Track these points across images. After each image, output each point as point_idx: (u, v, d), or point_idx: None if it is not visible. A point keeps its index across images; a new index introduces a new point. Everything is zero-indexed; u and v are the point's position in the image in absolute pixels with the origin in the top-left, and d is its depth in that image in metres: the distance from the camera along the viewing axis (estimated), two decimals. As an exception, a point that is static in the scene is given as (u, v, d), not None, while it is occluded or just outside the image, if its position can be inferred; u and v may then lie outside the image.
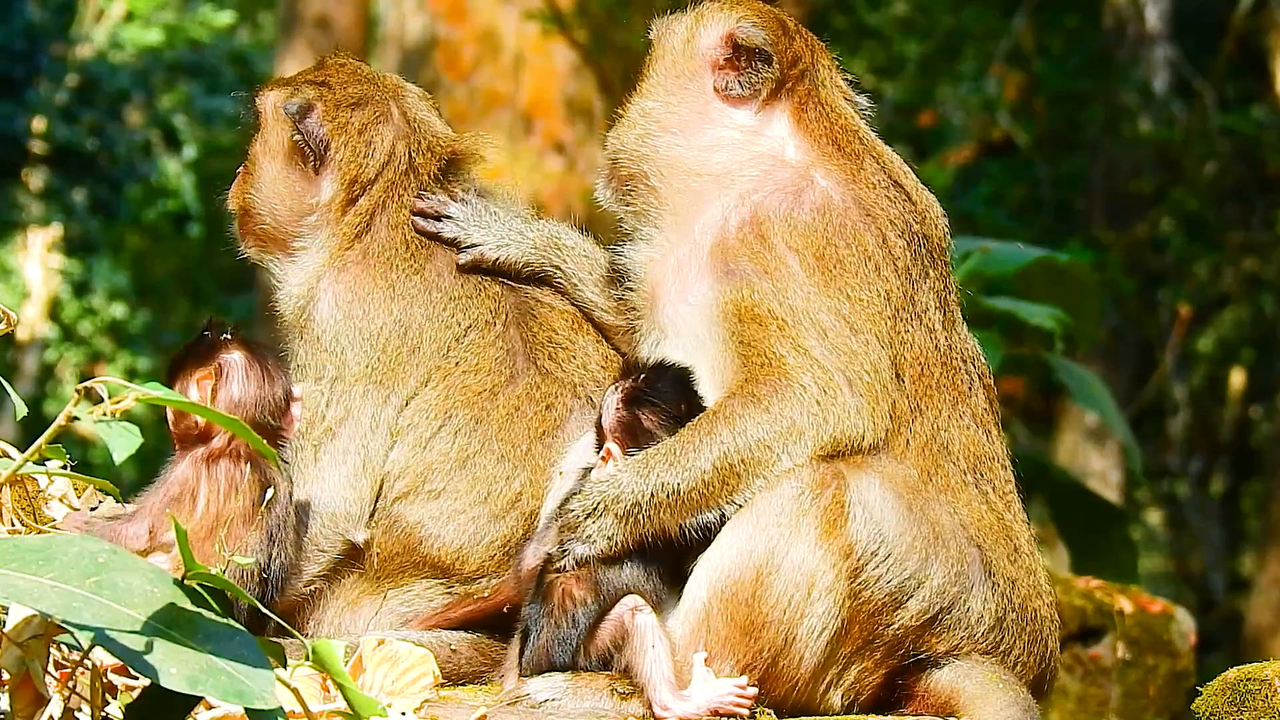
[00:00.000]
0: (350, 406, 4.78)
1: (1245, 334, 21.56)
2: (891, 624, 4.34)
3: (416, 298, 4.87)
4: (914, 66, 19.04)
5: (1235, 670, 4.36)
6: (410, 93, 5.14)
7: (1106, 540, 8.56)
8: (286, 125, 5.00)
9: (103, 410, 3.37)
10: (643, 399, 4.49)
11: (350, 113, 4.99)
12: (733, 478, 4.34)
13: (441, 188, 5.02)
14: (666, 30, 4.85)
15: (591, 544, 4.34)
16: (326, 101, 5.00)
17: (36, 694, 3.46)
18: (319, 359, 4.81)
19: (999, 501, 4.58)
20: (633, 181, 4.76)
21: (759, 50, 4.68)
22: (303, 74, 5.18)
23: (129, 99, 24.25)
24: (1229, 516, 23.54)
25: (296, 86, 5.05)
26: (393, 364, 4.80)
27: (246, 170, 5.12)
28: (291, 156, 5.01)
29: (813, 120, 4.70)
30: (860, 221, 4.54)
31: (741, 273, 4.49)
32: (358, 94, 5.03)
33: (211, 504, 4.40)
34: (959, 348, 4.64)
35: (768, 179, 4.60)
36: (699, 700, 4.19)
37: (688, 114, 4.73)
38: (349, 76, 5.07)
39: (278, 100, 5.04)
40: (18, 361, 26.15)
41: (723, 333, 4.48)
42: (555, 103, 13.31)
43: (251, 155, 5.11)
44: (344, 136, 4.97)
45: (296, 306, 4.93)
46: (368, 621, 4.78)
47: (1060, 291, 8.64)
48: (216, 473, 4.42)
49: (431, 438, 4.79)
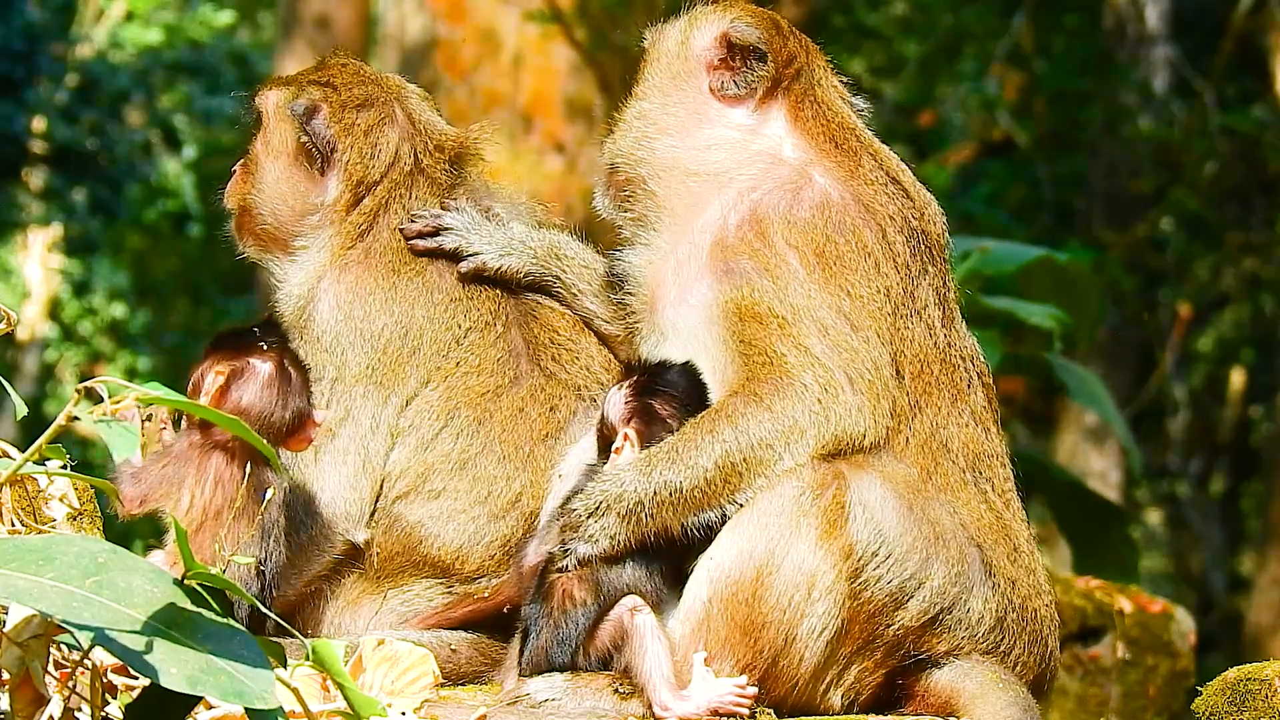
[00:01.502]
0: (350, 407, 4.78)
1: (1245, 334, 21.56)
2: (892, 624, 4.34)
3: (418, 299, 4.86)
4: (914, 66, 19.03)
5: (1235, 670, 4.36)
6: (412, 94, 5.14)
7: (1107, 539, 8.57)
8: (292, 125, 4.99)
9: (103, 410, 3.37)
10: (653, 388, 4.49)
11: (356, 114, 4.99)
12: (735, 476, 4.34)
13: (445, 190, 5.02)
14: (661, 35, 4.86)
15: (594, 543, 4.34)
16: (332, 102, 5.00)
17: (36, 694, 3.46)
18: (319, 359, 4.80)
19: (998, 500, 4.58)
20: (631, 186, 4.76)
21: (753, 49, 4.69)
22: (305, 74, 5.18)
23: (129, 99, 24.23)
24: (1229, 516, 23.54)
25: (301, 86, 5.04)
26: (393, 365, 4.80)
27: (246, 169, 5.11)
28: (296, 157, 5.00)
29: (809, 119, 4.70)
30: (859, 218, 4.55)
31: (741, 271, 4.49)
32: (363, 95, 5.03)
33: (197, 497, 4.38)
34: (958, 345, 4.64)
35: (766, 176, 4.60)
36: (699, 700, 4.19)
37: (684, 115, 4.74)
38: (353, 77, 5.07)
39: (282, 100, 5.03)
40: (18, 361, 26.14)
41: (723, 332, 4.48)
42: (555, 103, 13.30)
43: (252, 154, 5.10)
44: (350, 138, 4.97)
45: (297, 306, 4.93)
46: (368, 621, 4.78)
47: (1060, 291, 8.64)
48: (207, 465, 4.40)
49: (434, 438, 4.79)
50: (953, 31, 18.80)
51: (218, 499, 4.36)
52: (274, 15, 21.60)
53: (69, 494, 4.52)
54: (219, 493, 4.36)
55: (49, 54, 22.49)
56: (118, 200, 23.67)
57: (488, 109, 13.14)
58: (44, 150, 23.27)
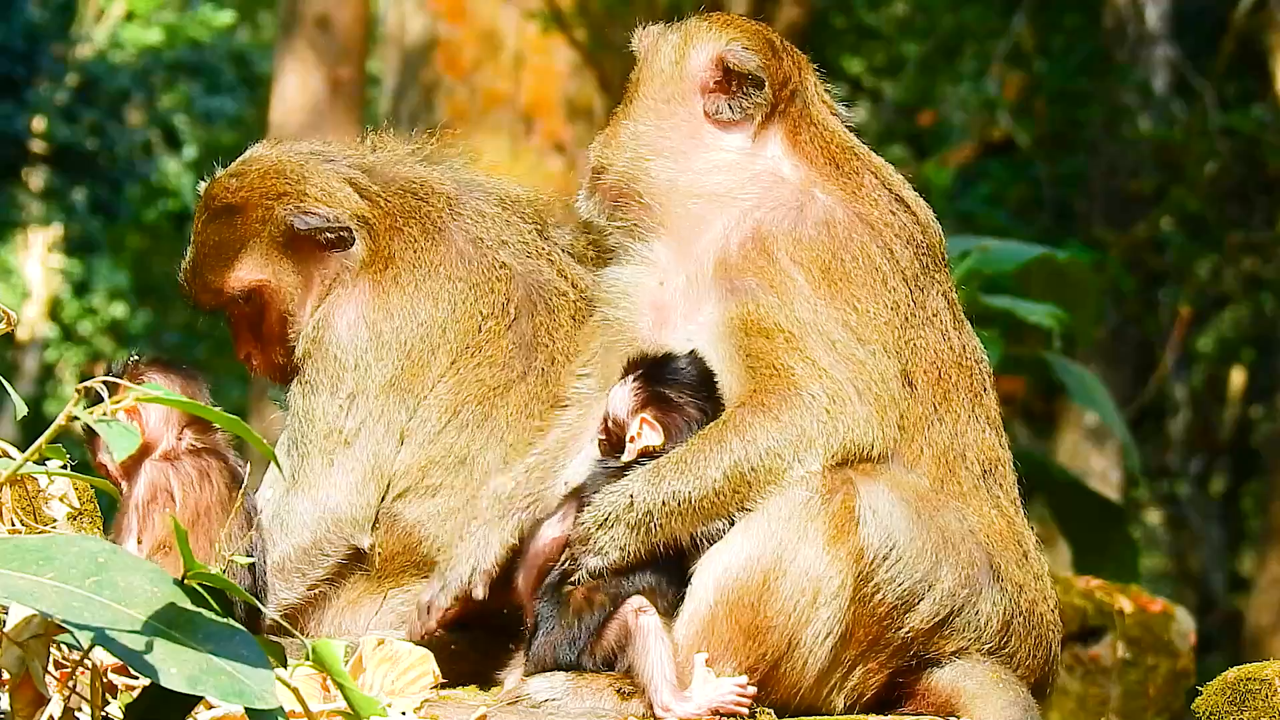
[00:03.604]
0: (366, 418, 4.79)
1: (1245, 334, 21.56)
2: (902, 627, 4.34)
3: (441, 293, 4.87)
4: (914, 66, 19.03)
5: (1235, 670, 4.36)
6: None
7: (1108, 539, 8.57)
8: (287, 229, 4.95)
9: (103, 410, 3.37)
10: (662, 376, 4.47)
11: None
12: (744, 486, 4.32)
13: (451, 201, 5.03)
14: (653, 48, 4.78)
15: (604, 555, 4.33)
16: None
17: (36, 694, 3.46)
18: (335, 373, 4.80)
19: (1009, 506, 4.58)
20: (624, 199, 4.71)
21: (750, 75, 4.62)
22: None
23: (129, 99, 24.23)
24: (1229, 516, 23.55)
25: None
26: (417, 369, 4.81)
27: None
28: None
29: (807, 141, 4.67)
30: (866, 234, 4.52)
31: (746, 288, 4.46)
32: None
33: (189, 495, 4.41)
34: (970, 348, 4.64)
35: (769, 196, 4.57)
36: (699, 700, 4.19)
37: (679, 139, 4.68)
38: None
39: (285, 214, 4.94)
40: (18, 361, 26.15)
41: (729, 348, 4.45)
42: (555, 103, 13.30)
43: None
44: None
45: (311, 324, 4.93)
46: (368, 621, 4.79)
47: (1059, 289, 8.64)
48: (183, 467, 4.46)
49: (439, 433, 4.79)
50: (953, 31, 18.80)
51: (206, 492, 4.40)
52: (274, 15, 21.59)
53: (69, 494, 4.52)
54: (207, 486, 4.41)
55: (49, 54, 22.49)
56: (118, 200, 23.67)
57: (488, 109, 13.15)
58: (44, 150, 23.27)
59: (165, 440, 4.54)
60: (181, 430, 4.55)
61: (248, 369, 5.07)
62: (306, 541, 4.74)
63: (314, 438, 4.78)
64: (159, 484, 4.47)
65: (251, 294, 4.92)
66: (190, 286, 4.99)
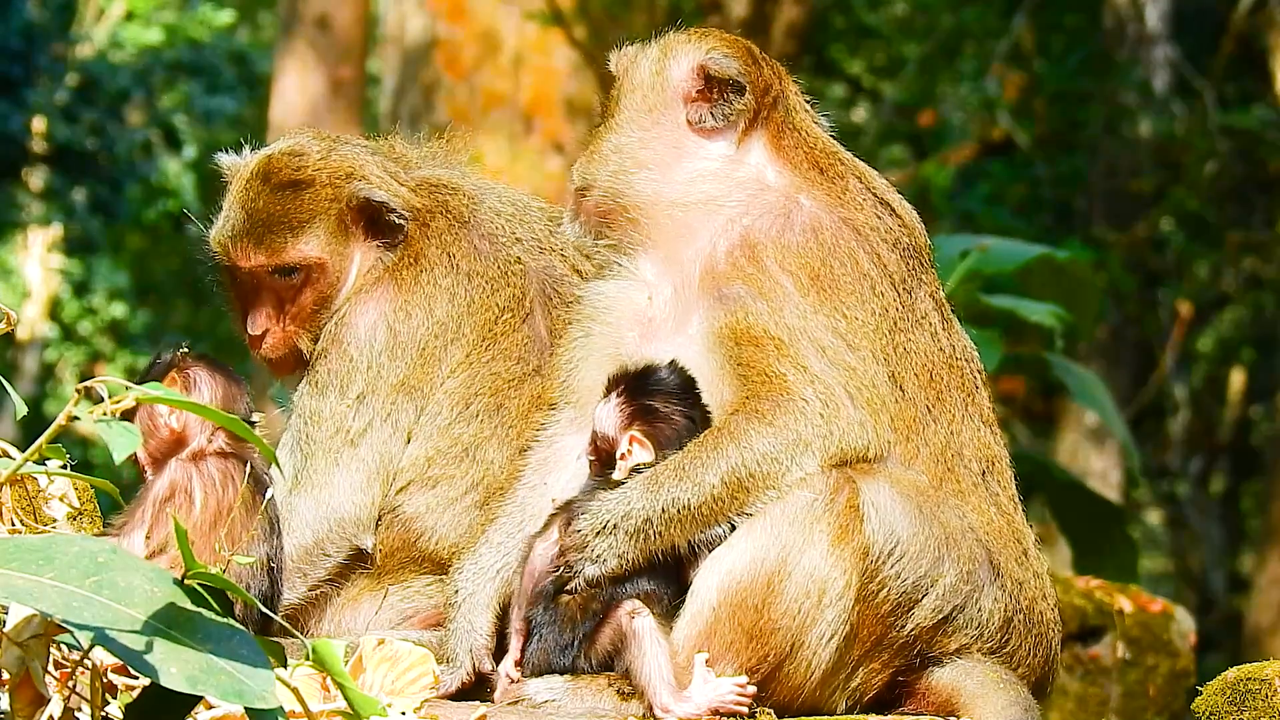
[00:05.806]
0: (374, 418, 4.79)
1: (1245, 334, 21.57)
2: (906, 625, 4.34)
3: (457, 288, 4.88)
4: (914, 66, 19.02)
5: (1235, 670, 4.36)
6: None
7: (1108, 539, 8.56)
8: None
9: (103, 410, 3.37)
10: (646, 388, 4.47)
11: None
12: (742, 491, 4.32)
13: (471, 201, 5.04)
14: (632, 64, 4.77)
15: (602, 563, 4.33)
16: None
17: (36, 694, 3.46)
18: (347, 373, 4.81)
19: (1008, 504, 4.59)
20: (609, 215, 4.70)
21: (731, 81, 4.63)
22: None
23: (129, 99, 24.22)
24: (1229, 516, 23.55)
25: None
26: (429, 367, 4.81)
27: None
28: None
29: (791, 148, 4.67)
30: (853, 240, 4.52)
31: (735, 296, 4.46)
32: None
33: (210, 497, 4.41)
34: (960, 347, 4.65)
35: (754, 203, 4.57)
36: (699, 700, 4.18)
37: (662, 149, 4.67)
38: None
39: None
40: (18, 361, 26.15)
41: (720, 357, 4.45)
42: (555, 103, 13.30)
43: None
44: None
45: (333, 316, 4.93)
46: (368, 619, 4.79)
47: (1059, 288, 8.63)
48: (206, 468, 4.45)
49: (449, 425, 4.80)
50: (952, 31, 18.79)
51: (230, 495, 4.40)
52: (274, 15, 21.59)
53: (69, 494, 4.52)
54: (230, 489, 4.40)
55: (49, 54, 22.50)
56: (118, 200, 23.67)
57: (488, 109, 13.15)
58: (44, 150, 23.28)
59: (197, 440, 4.52)
60: (214, 432, 4.53)
61: (251, 348, 4.99)
62: (308, 541, 4.75)
63: (319, 438, 4.78)
64: (179, 483, 4.46)
65: (303, 269, 4.90)
66: (233, 246, 4.92)
